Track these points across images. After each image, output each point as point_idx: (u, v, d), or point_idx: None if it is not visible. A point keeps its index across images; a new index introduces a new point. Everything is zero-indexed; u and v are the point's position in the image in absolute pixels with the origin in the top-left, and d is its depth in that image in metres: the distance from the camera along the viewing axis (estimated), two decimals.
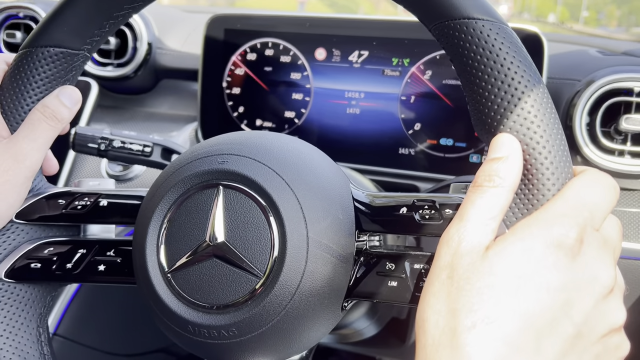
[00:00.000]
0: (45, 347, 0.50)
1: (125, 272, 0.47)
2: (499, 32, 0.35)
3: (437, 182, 0.80)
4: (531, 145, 0.35)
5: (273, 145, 0.43)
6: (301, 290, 0.39)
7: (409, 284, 0.41)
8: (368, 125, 0.85)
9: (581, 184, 0.35)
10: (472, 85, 0.37)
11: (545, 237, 0.33)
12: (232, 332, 0.40)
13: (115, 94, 1.09)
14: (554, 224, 0.33)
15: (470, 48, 0.36)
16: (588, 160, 0.75)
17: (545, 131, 0.35)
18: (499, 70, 0.35)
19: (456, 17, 0.36)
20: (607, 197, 0.35)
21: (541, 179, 0.35)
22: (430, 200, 0.41)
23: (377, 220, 0.43)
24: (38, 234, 0.50)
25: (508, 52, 0.35)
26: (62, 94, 0.47)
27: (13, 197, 0.46)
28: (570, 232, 0.33)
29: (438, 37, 0.38)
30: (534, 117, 0.35)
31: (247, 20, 0.91)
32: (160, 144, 0.71)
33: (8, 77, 0.46)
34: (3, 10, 1.03)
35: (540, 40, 0.77)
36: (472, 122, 0.38)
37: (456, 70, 0.38)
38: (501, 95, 0.35)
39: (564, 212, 0.33)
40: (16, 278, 0.48)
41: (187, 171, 0.42)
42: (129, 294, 1.06)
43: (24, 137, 0.46)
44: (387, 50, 0.83)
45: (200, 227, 0.41)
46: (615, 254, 0.35)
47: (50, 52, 0.45)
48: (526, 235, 0.33)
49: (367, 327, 0.77)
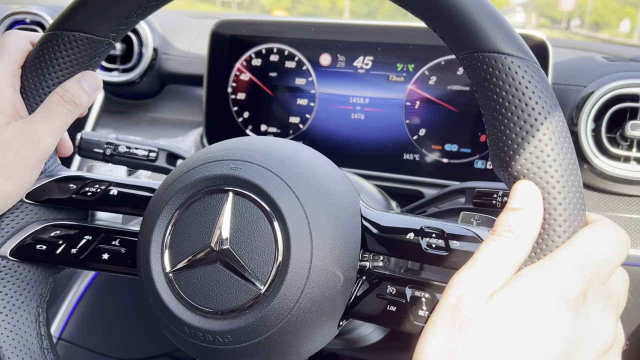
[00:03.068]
0: (43, 328, 0.51)
1: (128, 263, 0.48)
2: (527, 70, 0.35)
3: (442, 188, 0.80)
4: (546, 189, 0.34)
5: (287, 156, 0.43)
6: (300, 305, 0.39)
7: (408, 310, 0.41)
8: (373, 131, 0.85)
9: (592, 235, 0.34)
10: (494, 120, 0.36)
11: (549, 288, 0.32)
12: (226, 338, 0.40)
13: (121, 99, 1.10)
14: (559, 274, 0.32)
15: (496, 83, 0.35)
16: (594, 166, 0.75)
17: (563, 177, 0.34)
18: (522, 109, 0.34)
19: (486, 50, 0.35)
20: (617, 251, 0.34)
21: (552, 224, 0.34)
22: (438, 228, 0.41)
23: (383, 242, 0.43)
24: (46, 216, 0.50)
25: (534, 92, 0.34)
26: (83, 79, 0.47)
27: (24, 178, 0.47)
28: (574, 285, 0.32)
29: (465, 66, 0.37)
30: (552, 160, 0.34)
31: (252, 26, 0.91)
32: (165, 149, 0.71)
33: (32, 58, 0.46)
34: (10, 15, 1.04)
35: (546, 45, 0.77)
36: (490, 156, 0.37)
37: (480, 102, 0.37)
38: (522, 135, 0.34)
39: (570, 263, 0.33)
40: (21, 257, 0.49)
41: (198, 173, 0.42)
42: (134, 299, 1.06)
43: (40, 120, 0.46)
44: (392, 55, 0.83)
45: (207, 231, 0.41)
46: (619, 309, 0.35)
47: (76, 37, 0.45)
48: (531, 284, 0.33)
49: (371, 332, 0.77)
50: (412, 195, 0.84)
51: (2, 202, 0.47)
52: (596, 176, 0.76)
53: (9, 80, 0.46)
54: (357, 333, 0.75)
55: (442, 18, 0.37)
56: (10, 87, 0.46)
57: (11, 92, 0.46)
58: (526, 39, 0.77)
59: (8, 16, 1.04)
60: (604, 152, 0.75)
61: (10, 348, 0.48)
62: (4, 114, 0.45)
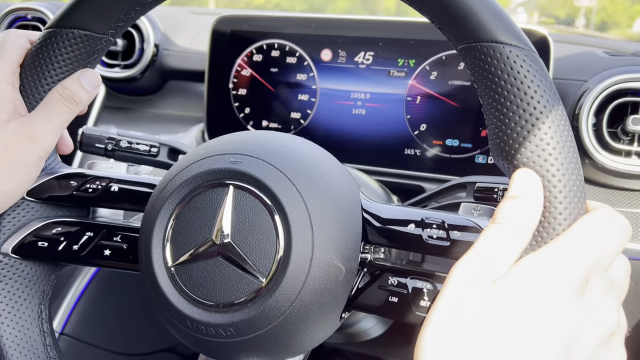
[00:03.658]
0: (46, 325, 0.51)
1: (130, 259, 0.48)
2: (526, 60, 0.35)
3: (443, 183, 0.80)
4: (546, 177, 0.34)
5: (287, 150, 0.43)
6: (302, 297, 0.39)
7: (410, 301, 0.41)
8: (374, 126, 0.85)
9: (593, 222, 0.34)
10: (493, 110, 0.36)
11: (551, 275, 0.32)
12: (229, 331, 0.40)
13: (122, 95, 1.10)
14: (560, 262, 0.32)
15: (495, 72, 0.35)
16: (595, 161, 0.75)
17: (563, 164, 0.34)
18: (522, 98, 0.34)
19: (485, 39, 0.35)
20: (618, 237, 0.34)
21: (553, 212, 0.34)
22: (439, 219, 0.41)
23: (384, 234, 0.43)
24: (48, 213, 0.50)
25: (533, 81, 0.34)
26: (83, 76, 0.47)
27: (25, 176, 0.47)
28: (576, 272, 0.32)
29: (464, 57, 0.37)
30: (552, 149, 0.34)
31: (253, 22, 0.91)
32: (166, 145, 0.71)
33: (31, 56, 0.47)
34: (11, 12, 1.04)
35: (547, 40, 0.77)
36: (490, 147, 0.37)
37: (479, 92, 0.37)
38: (521, 124, 0.34)
39: (571, 250, 0.33)
40: (23, 254, 0.49)
41: (199, 168, 0.42)
42: (135, 294, 1.06)
43: (40, 117, 0.46)
44: (393, 51, 0.83)
45: (208, 225, 0.41)
46: (621, 296, 0.35)
47: (75, 34, 0.45)
48: (532, 271, 0.33)
49: (373, 327, 0.77)
50: (413, 190, 0.84)
51: (4, 200, 0.47)
52: (597, 171, 0.77)
53: (8, 78, 0.46)
54: (358, 327, 0.75)
55: (440, 9, 0.37)
56: (10, 85, 0.46)
57: (10, 90, 0.46)
58: (527, 33, 0.77)
59: (9, 12, 1.04)
60: (605, 146, 0.75)
61: (13, 345, 0.48)
62: (3, 112, 0.45)
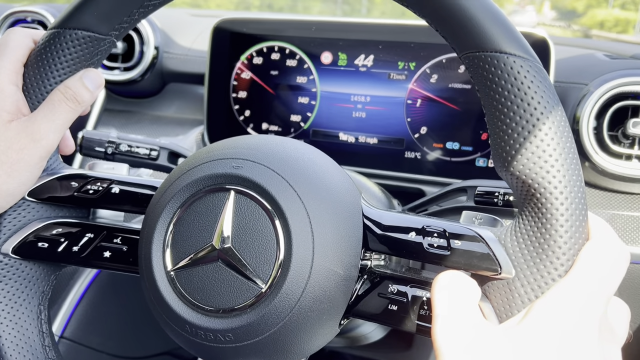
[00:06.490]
0: (45, 325, 0.51)
1: (129, 261, 0.48)
2: (530, 70, 0.35)
3: (443, 186, 0.80)
4: (548, 189, 0.34)
5: (289, 155, 0.43)
6: (301, 304, 0.39)
7: (409, 310, 0.41)
8: (374, 129, 0.85)
9: (601, 257, 0.34)
10: (495, 119, 0.36)
11: (573, 320, 0.33)
12: (228, 337, 0.40)
13: (123, 98, 1.10)
14: (575, 309, 0.33)
15: (498, 82, 0.35)
16: (595, 164, 0.75)
17: (565, 177, 0.34)
18: (525, 109, 0.34)
19: (489, 49, 0.35)
20: (623, 272, 0.34)
21: (554, 224, 0.34)
22: (440, 227, 0.41)
23: (385, 241, 0.42)
24: (48, 213, 0.50)
25: (537, 92, 0.34)
26: (86, 76, 0.47)
27: (26, 176, 0.47)
28: (595, 316, 0.32)
29: (467, 66, 0.37)
30: (554, 160, 0.34)
31: (253, 25, 0.91)
32: (166, 148, 0.71)
33: (34, 55, 0.47)
34: (11, 14, 1.04)
35: (547, 43, 0.77)
36: (492, 155, 0.38)
37: (482, 101, 0.37)
38: (524, 135, 0.34)
39: (587, 293, 0.33)
40: (22, 255, 0.49)
41: (200, 172, 0.42)
42: (135, 297, 1.06)
43: (42, 117, 0.46)
44: (393, 54, 0.83)
45: (208, 229, 0.41)
46: (620, 345, 0.35)
47: (78, 35, 0.45)
48: (546, 320, 0.33)
49: (373, 331, 0.77)
50: (414, 193, 0.84)
51: (4, 200, 0.47)
52: (598, 174, 0.76)
53: (11, 78, 0.46)
54: (358, 331, 0.75)
55: (444, 17, 0.37)
56: (13, 84, 0.46)
57: (13, 89, 0.46)
58: (527, 37, 0.77)
59: (10, 15, 1.04)
60: (606, 150, 0.75)
61: (12, 345, 0.48)
62: (6, 112, 0.45)
